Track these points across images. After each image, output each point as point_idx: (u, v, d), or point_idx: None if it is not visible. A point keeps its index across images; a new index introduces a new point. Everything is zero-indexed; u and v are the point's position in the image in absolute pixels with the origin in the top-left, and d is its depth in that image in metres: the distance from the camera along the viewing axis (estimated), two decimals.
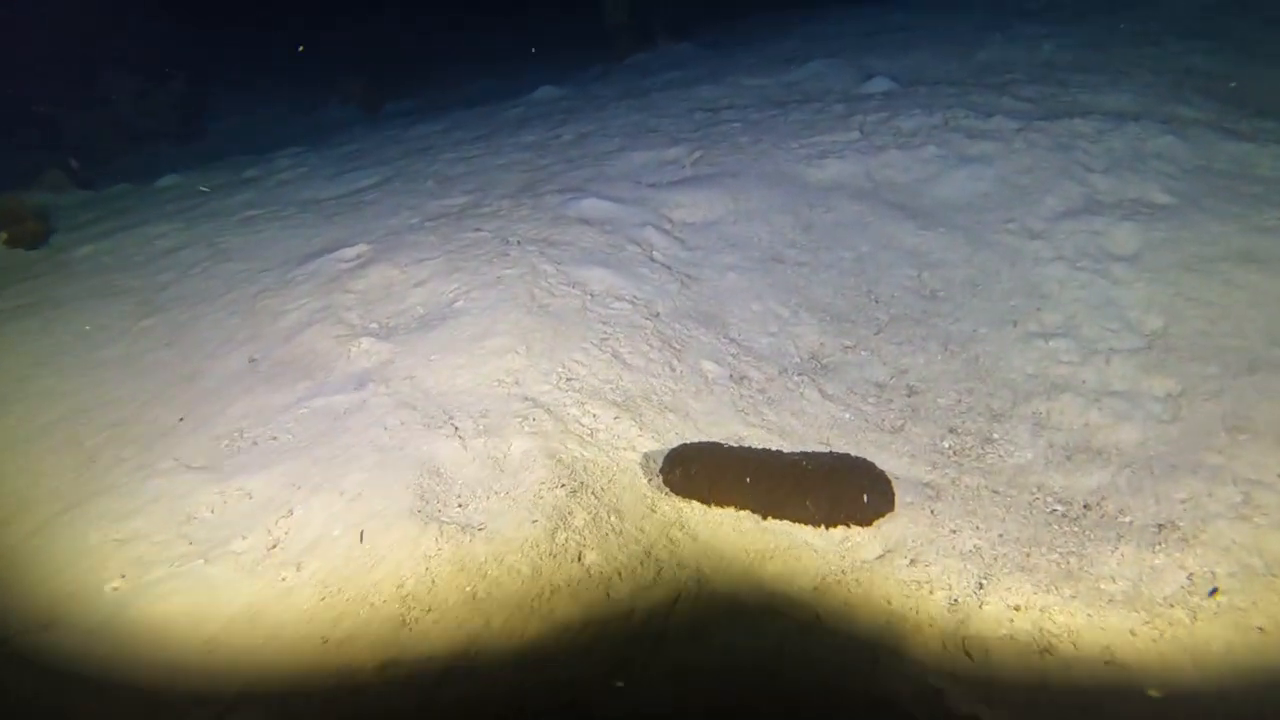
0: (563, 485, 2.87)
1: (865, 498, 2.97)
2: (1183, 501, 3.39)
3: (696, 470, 2.95)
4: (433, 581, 2.54)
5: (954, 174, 5.88)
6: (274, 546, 2.87)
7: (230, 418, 3.64)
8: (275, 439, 3.45)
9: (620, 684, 2.17)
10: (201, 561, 2.84)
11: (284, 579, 2.72)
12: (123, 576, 2.84)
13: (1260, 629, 2.81)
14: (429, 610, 2.44)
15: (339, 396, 3.63)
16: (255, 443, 3.46)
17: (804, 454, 3.09)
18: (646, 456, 3.20)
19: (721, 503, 2.98)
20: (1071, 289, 4.97)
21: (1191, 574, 3.00)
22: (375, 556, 2.69)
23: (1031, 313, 4.80)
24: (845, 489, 2.95)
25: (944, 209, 5.66)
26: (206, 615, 2.57)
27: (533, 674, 2.20)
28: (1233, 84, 7.38)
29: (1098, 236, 5.40)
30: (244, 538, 2.92)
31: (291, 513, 2.98)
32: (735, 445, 3.14)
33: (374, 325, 4.20)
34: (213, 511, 3.09)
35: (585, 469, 3.01)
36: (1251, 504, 3.37)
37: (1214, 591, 2.87)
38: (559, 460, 3.01)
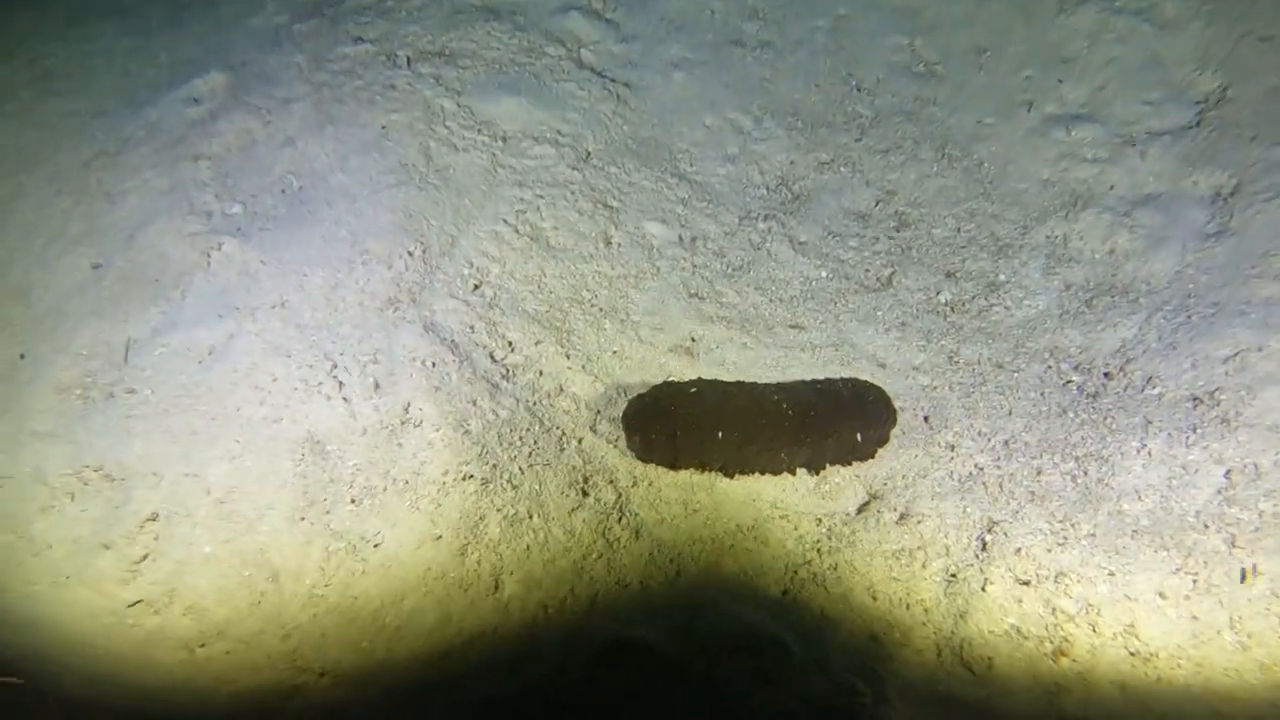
0: (472, 475, 2.31)
1: (859, 437, 2.43)
2: (1225, 361, 2.82)
3: (656, 435, 2.37)
4: (322, 635, 2.10)
5: None
6: (143, 559, 2.40)
7: (76, 356, 2.96)
8: (133, 392, 2.83)
9: None
10: (66, 578, 2.38)
11: (156, 613, 2.28)
12: None
13: None
14: (322, 675, 2.03)
15: (200, 330, 2.95)
16: (111, 395, 2.84)
17: (782, 388, 2.47)
18: (576, 401, 2.60)
19: (688, 465, 2.44)
20: (1104, 45, 3.95)
21: (1230, 470, 2.54)
22: (255, 592, 2.23)
23: (1051, 88, 3.85)
24: (835, 433, 2.41)
25: None
26: (61, 672, 2.14)
27: None
28: None
29: None
30: (108, 547, 2.44)
31: (157, 517, 2.47)
32: (702, 385, 2.50)
33: (236, 211, 3.36)
34: (73, 499, 2.58)
35: (499, 439, 2.43)
36: None
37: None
38: (466, 431, 2.42)
